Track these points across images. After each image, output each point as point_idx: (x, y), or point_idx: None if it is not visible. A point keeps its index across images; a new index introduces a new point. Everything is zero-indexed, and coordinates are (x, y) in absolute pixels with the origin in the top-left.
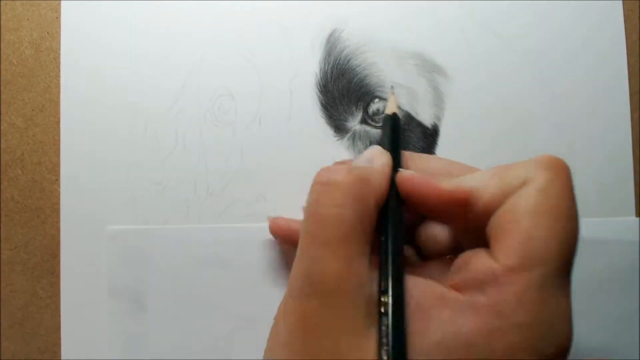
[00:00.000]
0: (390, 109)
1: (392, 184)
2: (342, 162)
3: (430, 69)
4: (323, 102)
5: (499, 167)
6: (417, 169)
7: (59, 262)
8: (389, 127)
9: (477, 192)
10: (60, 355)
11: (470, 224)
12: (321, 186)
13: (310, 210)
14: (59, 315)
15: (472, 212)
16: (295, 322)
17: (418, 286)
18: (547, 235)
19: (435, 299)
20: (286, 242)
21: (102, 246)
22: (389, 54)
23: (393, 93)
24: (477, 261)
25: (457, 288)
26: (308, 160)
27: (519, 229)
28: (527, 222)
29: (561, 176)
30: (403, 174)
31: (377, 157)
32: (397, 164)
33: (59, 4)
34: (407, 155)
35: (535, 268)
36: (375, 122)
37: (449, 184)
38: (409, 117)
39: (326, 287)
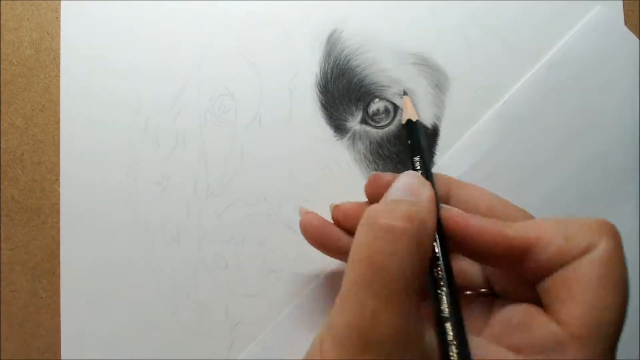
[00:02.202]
0: (408, 114)
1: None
2: (378, 178)
3: (430, 69)
4: (323, 102)
5: (560, 221)
6: (459, 202)
7: (59, 262)
8: (411, 135)
9: (542, 245)
10: (60, 355)
11: (523, 273)
12: (378, 230)
13: (364, 253)
14: (59, 315)
15: (529, 262)
16: None
17: (479, 347)
18: (611, 308)
19: None
20: (317, 244)
21: (102, 246)
22: (389, 54)
23: (408, 97)
24: (539, 324)
25: (516, 350)
26: (308, 160)
27: (585, 297)
28: (595, 291)
29: (619, 246)
30: (452, 212)
31: (421, 190)
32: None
33: (59, 4)
34: (445, 181)
35: (600, 340)
36: (376, 122)
37: (514, 231)
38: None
39: (383, 343)
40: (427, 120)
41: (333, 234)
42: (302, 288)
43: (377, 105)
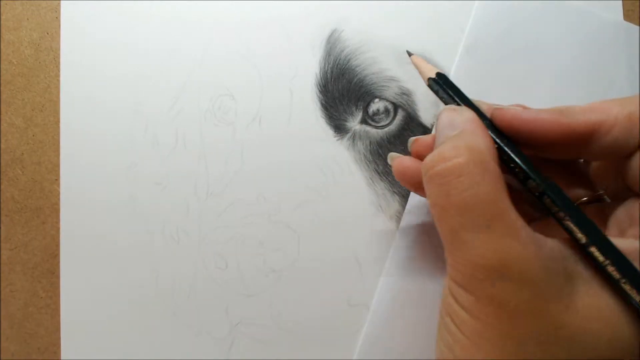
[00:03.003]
0: (428, 71)
1: (496, 133)
2: (417, 140)
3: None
4: (323, 102)
5: (623, 100)
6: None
7: (59, 262)
8: (446, 87)
9: (605, 127)
10: (60, 355)
11: (595, 157)
12: (442, 177)
13: (443, 204)
14: (59, 315)
15: (596, 147)
16: (488, 312)
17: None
18: None
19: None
20: (414, 187)
21: (102, 246)
22: (389, 54)
23: (416, 56)
24: None
25: None
26: (308, 160)
27: None
28: None
29: None
30: (504, 112)
31: (459, 118)
32: (482, 115)
33: (59, 4)
34: (490, 108)
35: None
36: (376, 122)
37: (573, 117)
38: (409, 117)
39: (513, 268)
40: (427, 120)
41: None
42: (302, 288)
43: (377, 105)
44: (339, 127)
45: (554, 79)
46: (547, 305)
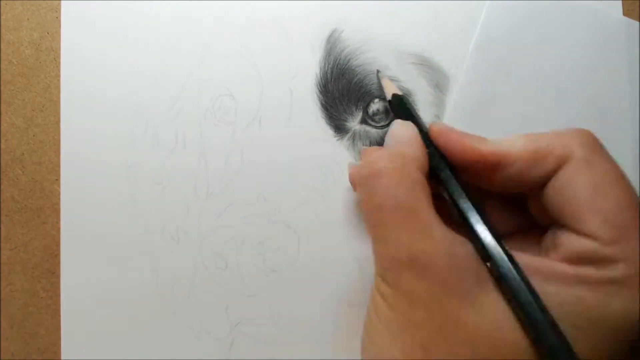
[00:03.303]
0: (390, 90)
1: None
2: (366, 152)
3: (430, 69)
4: (323, 102)
5: (533, 135)
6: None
7: (59, 262)
8: (399, 107)
9: (511, 158)
10: (60, 355)
11: (498, 186)
12: (365, 179)
13: (366, 203)
14: (59, 315)
15: (502, 176)
16: (399, 300)
17: (520, 257)
18: (626, 205)
19: (546, 271)
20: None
21: (102, 246)
22: (389, 54)
23: (383, 76)
24: (569, 241)
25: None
26: (308, 160)
27: (601, 205)
28: (599, 197)
29: (597, 148)
30: (436, 125)
31: (401, 130)
32: (423, 131)
33: (59, 4)
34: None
35: (633, 237)
36: (376, 122)
37: (486, 146)
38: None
39: (420, 261)
40: (427, 120)
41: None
42: (302, 288)
43: (377, 105)
44: (339, 127)
45: (560, 77)
46: (448, 299)
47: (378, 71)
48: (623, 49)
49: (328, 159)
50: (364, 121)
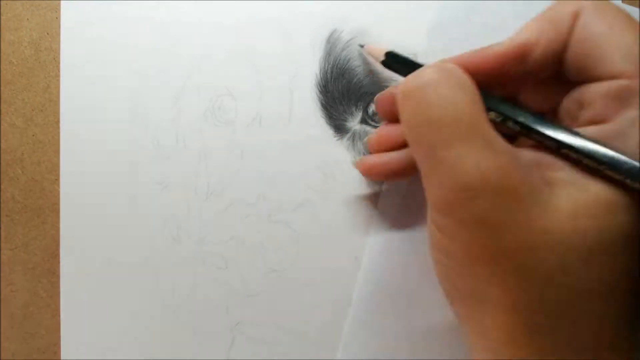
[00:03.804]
0: (378, 53)
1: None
2: (381, 96)
3: None
4: (323, 102)
5: (542, 14)
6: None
7: (59, 262)
8: (396, 61)
9: (534, 42)
10: (60, 355)
11: (529, 77)
12: (418, 91)
13: (420, 120)
14: (59, 315)
15: (534, 62)
16: (472, 232)
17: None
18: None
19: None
20: (384, 176)
21: (102, 246)
22: None
23: (366, 45)
24: (598, 89)
25: (598, 121)
26: (308, 160)
27: (619, 41)
28: (615, 35)
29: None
30: (446, 61)
31: (422, 70)
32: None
33: (59, 4)
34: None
35: None
36: (376, 122)
37: (502, 45)
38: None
39: (493, 180)
40: None
41: (387, 159)
42: (302, 288)
43: None
44: (339, 127)
45: None
46: (529, 213)
47: (361, 46)
48: None
49: (328, 159)
50: (364, 121)
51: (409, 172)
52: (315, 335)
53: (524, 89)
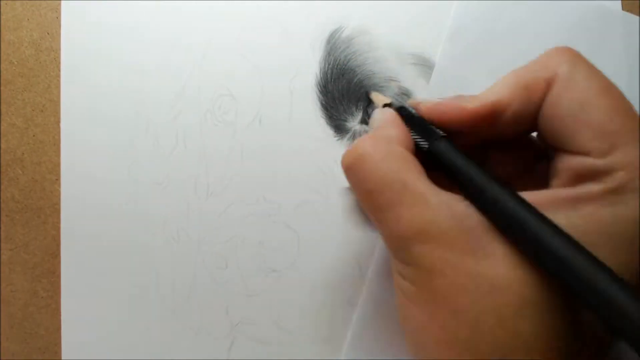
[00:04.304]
0: (380, 101)
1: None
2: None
3: (430, 69)
4: (323, 102)
5: (515, 72)
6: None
7: (59, 262)
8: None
9: (505, 103)
10: (60, 355)
11: (499, 134)
12: (351, 167)
13: (359, 191)
14: (59, 315)
15: (500, 123)
16: (416, 275)
17: (525, 195)
18: (614, 112)
19: (550, 201)
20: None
21: (102, 246)
22: (389, 54)
23: (371, 92)
24: (566, 163)
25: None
26: (308, 160)
27: (588, 119)
28: (589, 109)
29: (582, 63)
30: (421, 104)
31: (380, 115)
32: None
33: (59, 4)
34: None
35: (628, 143)
36: None
37: (473, 102)
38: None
39: (426, 232)
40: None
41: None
42: (302, 288)
43: None
44: (339, 127)
45: None
46: (464, 259)
47: (367, 92)
48: (621, 44)
49: (328, 159)
50: (364, 121)
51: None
52: (315, 335)
53: (495, 148)
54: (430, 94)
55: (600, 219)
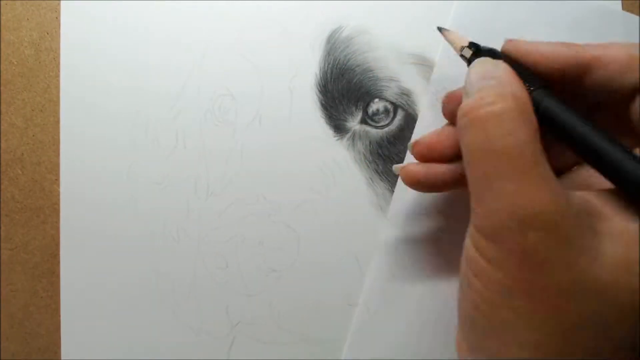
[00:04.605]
0: (458, 42)
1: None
2: (451, 96)
3: (430, 69)
4: (323, 102)
5: (626, 43)
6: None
7: (59, 262)
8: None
9: (603, 61)
10: (60, 355)
11: (590, 91)
12: (484, 121)
13: (481, 148)
14: (59, 315)
15: (594, 79)
16: (517, 263)
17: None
18: None
19: None
20: (425, 188)
21: (102, 246)
22: (389, 54)
23: (445, 30)
24: None
25: None
26: (308, 160)
27: None
28: None
29: None
30: (516, 43)
31: (495, 69)
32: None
33: (59, 4)
34: (519, 43)
35: None
36: (375, 122)
37: (573, 49)
38: (409, 117)
39: (545, 219)
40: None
41: (434, 171)
42: (302, 288)
43: (376, 105)
44: (338, 127)
45: None
46: (576, 257)
47: (439, 27)
48: (620, 37)
49: (328, 159)
50: (363, 121)
51: (458, 186)
52: (315, 335)
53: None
54: (430, 94)
55: None
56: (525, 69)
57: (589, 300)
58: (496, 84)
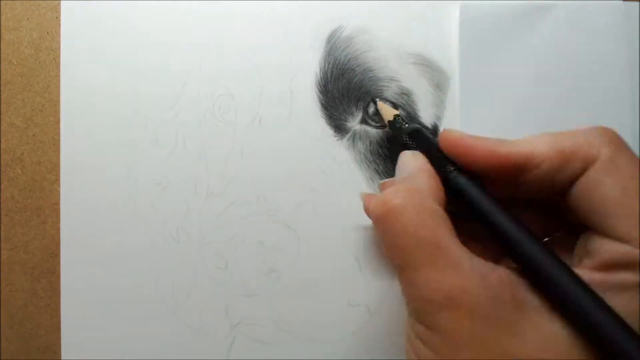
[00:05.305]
0: (388, 114)
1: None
2: (384, 183)
3: (430, 69)
4: (323, 102)
5: (554, 134)
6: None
7: (59, 262)
8: (399, 130)
9: (535, 159)
10: (60, 355)
11: (520, 192)
12: (382, 219)
13: (387, 245)
14: (59, 315)
15: (528, 179)
16: (437, 341)
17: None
18: None
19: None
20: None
21: (102, 246)
22: (389, 54)
23: (379, 101)
24: (603, 247)
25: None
26: (308, 160)
27: (632, 207)
28: (628, 200)
29: (623, 149)
30: (447, 135)
31: (411, 162)
32: (434, 145)
33: (59, 4)
34: (452, 137)
35: None
36: (375, 122)
37: (506, 147)
38: (409, 117)
39: (456, 299)
40: (427, 120)
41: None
42: (302, 288)
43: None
44: (339, 127)
45: (555, 67)
46: (492, 334)
47: (373, 99)
48: (622, 34)
49: (328, 159)
50: (364, 121)
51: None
52: (315, 335)
53: (524, 206)
54: (454, 109)
55: (635, 310)
56: (444, 153)
57: None
58: (401, 180)
